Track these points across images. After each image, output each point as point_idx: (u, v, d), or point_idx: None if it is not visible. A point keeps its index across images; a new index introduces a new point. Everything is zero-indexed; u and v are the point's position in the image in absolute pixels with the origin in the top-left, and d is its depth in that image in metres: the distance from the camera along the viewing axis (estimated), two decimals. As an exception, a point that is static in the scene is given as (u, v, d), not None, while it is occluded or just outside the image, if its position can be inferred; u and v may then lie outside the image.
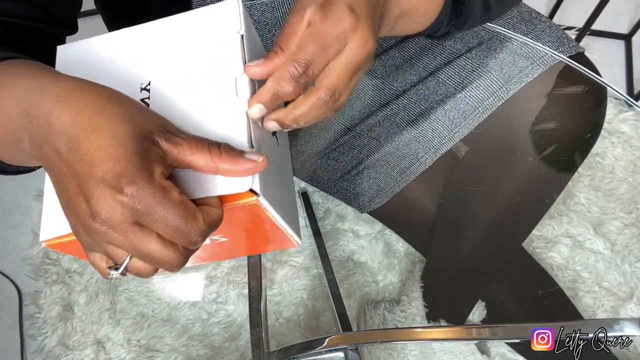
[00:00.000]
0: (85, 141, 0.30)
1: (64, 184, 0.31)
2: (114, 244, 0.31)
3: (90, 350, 0.79)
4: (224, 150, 0.32)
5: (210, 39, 0.39)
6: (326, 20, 0.35)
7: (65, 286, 0.84)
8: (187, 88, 0.38)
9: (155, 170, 0.30)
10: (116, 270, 0.33)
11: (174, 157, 0.32)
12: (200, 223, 0.31)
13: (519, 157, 0.67)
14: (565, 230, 0.82)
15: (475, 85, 0.62)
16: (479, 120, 0.62)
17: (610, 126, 0.92)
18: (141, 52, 0.41)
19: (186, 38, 0.40)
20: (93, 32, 0.45)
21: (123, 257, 0.32)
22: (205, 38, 0.39)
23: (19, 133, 0.33)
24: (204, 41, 0.39)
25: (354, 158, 0.70)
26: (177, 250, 0.31)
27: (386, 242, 0.85)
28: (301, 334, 0.79)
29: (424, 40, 0.65)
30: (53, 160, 0.31)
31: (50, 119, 0.31)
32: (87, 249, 0.33)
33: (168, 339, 0.78)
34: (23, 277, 0.88)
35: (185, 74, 0.39)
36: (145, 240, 0.30)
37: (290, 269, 0.83)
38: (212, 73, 0.38)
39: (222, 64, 0.38)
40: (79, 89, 0.32)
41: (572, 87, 0.62)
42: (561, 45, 0.61)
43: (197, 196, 0.33)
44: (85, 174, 0.29)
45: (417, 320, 0.74)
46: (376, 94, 0.69)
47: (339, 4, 0.35)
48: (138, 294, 0.82)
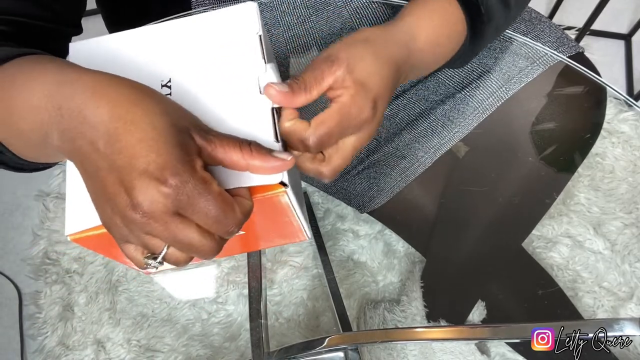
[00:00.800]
0: (126, 134, 0.30)
1: (99, 177, 0.31)
2: (153, 235, 0.31)
3: (90, 350, 0.79)
4: (254, 148, 0.33)
5: (230, 38, 0.41)
6: (353, 105, 0.38)
7: (65, 286, 0.84)
8: (209, 85, 0.39)
9: (197, 162, 0.31)
10: (154, 260, 0.33)
11: (208, 153, 0.32)
12: (237, 214, 0.32)
13: (519, 157, 0.67)
14: (565, 230, 0.82)
15: (475, 86, 0.62)
16: (478, 121, 0.62)
17: (610, 126, 0.92)
18: (159, 50, 0.41)
19: (205, 37, 0.41)
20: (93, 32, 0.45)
21: (160, 247, 0.33)
22: (225, 38, 0.41)
23: (47, 127, 0.33)
24: (223, 41, 0.41)
25: (354, 158, 0.70)
26: (214, 239, 0.32)
27: (386, 242, 0.85)
28: (301, 334, 0.79)
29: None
30: (86, 153, 0.31)
31: (85, 111, 0.31)
32: (122, 241, 0.33)
33: (168, 339, 0.78)
34: (23, 277, 0.88)
35: (206, 71, 0.40)
36: (185, 230, 0.31)
37: (290, 269, 0.83)
38: (233, 71, 0.39)
39: (243, 62, 0.39)
40: (113, 82, 0.32)
41: (572, 87, 0.62)
42: (561, 45, 0.61)
43: (231, 186, 0.34)
44: (126, 166, 0.30)
45: (417, 320, 0.74)
46: (376, 94, 0.69)
47: (367, 96, 0.39)
48: (138, 294, 0.82)
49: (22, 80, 0.35)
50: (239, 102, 0.38)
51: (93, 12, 0.74)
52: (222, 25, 0.41)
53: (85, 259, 0.86)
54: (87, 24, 0.54)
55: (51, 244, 0.89)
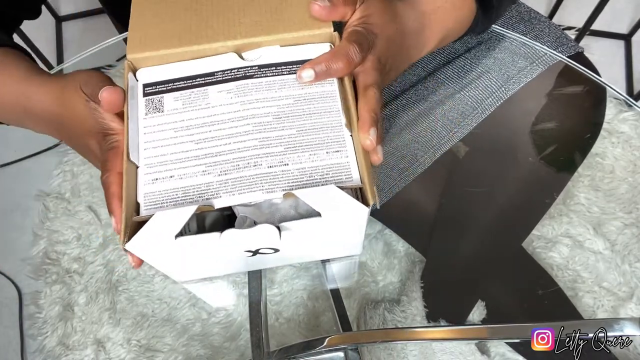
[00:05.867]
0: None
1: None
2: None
3: (90, 350, 0.79)
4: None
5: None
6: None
7: (65, 286, 0.84)
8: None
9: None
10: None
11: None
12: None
13: (519, 157, 0.67)
14: (565, 230, 0.82)
15: (475, 86, 0.62)
16: (478, 121, 0.62)
17: (610, 126, 0.92)
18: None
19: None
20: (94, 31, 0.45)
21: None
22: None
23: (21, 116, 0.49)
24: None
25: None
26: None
27: (386, 242, 0.85)
28: (301, 334, 0.79)
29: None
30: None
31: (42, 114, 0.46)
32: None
33: (168, 339, 0.78)
34: (23, 277, 0.88)
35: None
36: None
37: (290, 269, 0.83)
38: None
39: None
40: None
41: (572, 87, 0.62)
42: (560, 45, 0.61)
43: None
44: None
45: (417, 320, 0.74)
46: (376, 94, 0.69)
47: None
48: (138, 294, 0.82)
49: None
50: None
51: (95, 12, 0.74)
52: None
53: (85, 259, 0.86)
54: (88, 24, 0.55)
55: (51, 244, 0.89)
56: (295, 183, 0.41)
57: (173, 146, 0.43)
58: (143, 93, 0.46)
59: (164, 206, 0.41)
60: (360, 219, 0.42)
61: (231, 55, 0.46)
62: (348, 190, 0.41)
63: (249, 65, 0.46)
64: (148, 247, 0.40)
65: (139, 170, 0.43)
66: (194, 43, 0.45)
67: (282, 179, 0.41)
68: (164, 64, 0.47)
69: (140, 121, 0.45)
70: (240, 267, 0.58)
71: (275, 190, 0.41)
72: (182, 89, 0.46)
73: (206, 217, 0.52)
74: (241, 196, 0.41)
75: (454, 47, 0.64)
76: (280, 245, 0.44)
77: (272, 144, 0.43)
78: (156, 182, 0.42)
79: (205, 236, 0.41)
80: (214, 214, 0.55)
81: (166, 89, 0.46)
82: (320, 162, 0.42)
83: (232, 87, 0.45)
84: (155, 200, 0.41)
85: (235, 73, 0.46)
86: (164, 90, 0.46)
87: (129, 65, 0.46)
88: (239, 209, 0.44)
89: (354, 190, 0.43)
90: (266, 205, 0.44)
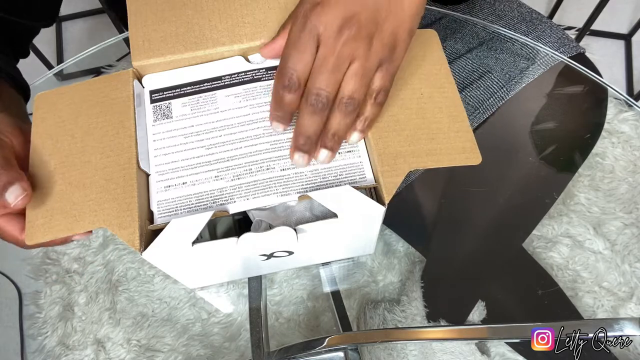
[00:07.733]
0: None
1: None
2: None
3: (90, 350, 0.78)
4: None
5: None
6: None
7: (65, 286, 0.84)
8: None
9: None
10: None
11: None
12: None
13: (519, 157, 0.67)
14: (565, 230, 0.82)
15: (476, 86, 0.62)
16: (479, 121, 0.62)
17: (610, 126, 0.92)
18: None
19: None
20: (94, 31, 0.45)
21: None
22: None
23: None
24: None
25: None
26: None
27: (386, 242, 0.85)
28: (301, 334, 0.79)
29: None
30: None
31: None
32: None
33: (168, 339, 0.78)
34: (23, 277, 0.88)
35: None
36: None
37: (290, 269, 0.83)
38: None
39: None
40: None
41: (573, 87, 0.62)
42: (562, 46, 0.61)
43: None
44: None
45: (417, 320, 0.74)
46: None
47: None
48: (138, 294, 0.82)
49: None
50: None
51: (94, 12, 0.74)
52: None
53: (85, 259, 0.86)
54: (88, 24, 0.55)
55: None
56: (309, 185, 0.41)
57: (184, 152, 0.43)
58: (150, 100, 0.45)
59: (178, 213, 0.41)
60: (376, 219, 0.42)
61: (238, 58, 0.46)
62: (362, 190, 0.41)
63: (256, 68, 0.46)
64: (165, 255, 0.40)
65: (150, 178, 0.42)
66: (199, 48, 0.45)
67: (295, 181, 0.41)
68: (169, 70, 0.46)
69: (149, 128, 0.44)
70: (254, 271, 0.58)
71: (289, 193, 0.40)
72: (190, 94, 0.45)
73: (217, 222, 0.52)
74: (256, 200, 0.41)
75: (456, 48, 0.64)
76: (296, 247, 0.44)
77: (283, 146, 0.42)
78: (169, 190, 0.42)
79: (222, 242, 0.41)
80: (225, 220, 0.55)
81: (173, 94, 0.45)
82: (333, 163, 0.42)
83: (240, 90, 0.45)
84: (169, 208, 0.41)
85: (243, 76, 0.46)
86: (172, 96, 0.45)
87: (134, 73, 0.46)
88: (254, 213, 0.44)
89: (368, 189, 0.43)
90: (281, 208, 0.44)
